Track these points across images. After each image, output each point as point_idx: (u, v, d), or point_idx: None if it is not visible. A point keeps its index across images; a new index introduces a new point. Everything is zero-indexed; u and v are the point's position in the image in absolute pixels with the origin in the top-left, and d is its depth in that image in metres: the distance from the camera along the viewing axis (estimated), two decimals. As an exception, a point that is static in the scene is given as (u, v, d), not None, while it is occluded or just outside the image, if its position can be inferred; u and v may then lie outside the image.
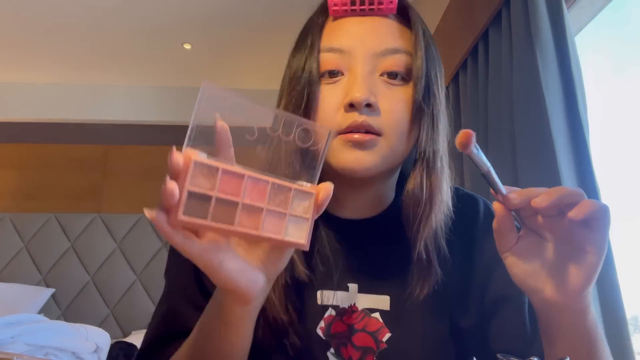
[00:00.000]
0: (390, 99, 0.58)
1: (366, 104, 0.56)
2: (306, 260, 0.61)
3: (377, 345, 0.60)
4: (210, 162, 0.39)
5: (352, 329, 0.61)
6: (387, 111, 0.57)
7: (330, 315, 0.62)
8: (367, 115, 0.56)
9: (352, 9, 0.59)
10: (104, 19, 2.72)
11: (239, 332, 0.49)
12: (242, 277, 0.43)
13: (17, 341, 1.99)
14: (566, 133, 1.32)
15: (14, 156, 3.60)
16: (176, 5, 2.60)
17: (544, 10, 1.41)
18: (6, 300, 2.90)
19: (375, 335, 0.61)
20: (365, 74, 0.57)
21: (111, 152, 3.69)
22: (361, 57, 0.58)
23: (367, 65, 0.58)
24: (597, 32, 1.56)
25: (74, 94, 3.49)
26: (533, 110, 1.39)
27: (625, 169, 1.47)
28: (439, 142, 0.61)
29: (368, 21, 0.60)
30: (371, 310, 0.62)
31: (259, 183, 0.42)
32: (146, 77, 3.44)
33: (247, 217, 0.41)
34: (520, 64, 1.48)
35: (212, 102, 0.40)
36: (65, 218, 3.49)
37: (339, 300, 0.62)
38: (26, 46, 3.00)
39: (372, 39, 0.59)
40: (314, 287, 0.62)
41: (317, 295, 0.62)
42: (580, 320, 0.50)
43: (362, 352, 0.60)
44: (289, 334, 0.59)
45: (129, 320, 3.29)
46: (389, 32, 0.60)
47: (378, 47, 0.59)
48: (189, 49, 3.05)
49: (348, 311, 0.62)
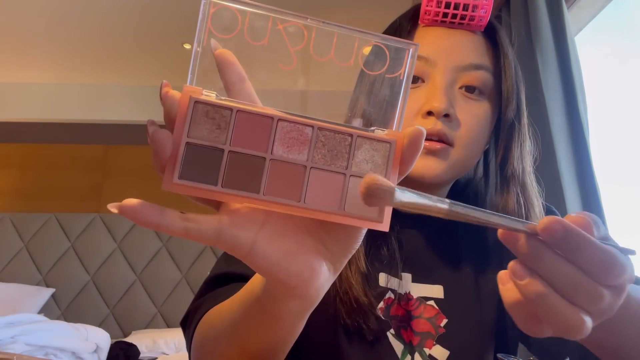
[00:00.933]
0: (468, 112, 0.60)
1: (444, 114, 0.57)
2: (377, 243, 0.63)
3: (435, 331, 0.62)
4: (220, 101, 0.29)
5: (410, 314, 0.63)
6: (463, 123, 0.59)
7: (389, 297, 0.63)
8: (443, 124, 0.58)
9: (442, 20, 0.61)
10: (104, 19, 2.72)
11: (290, 329, 0.38)
12: (291, 265, 0.31)
13: (17, 341, 1.99)
14: (566, 133, 1.32)
15: (14, 156, 3.60)
16: (176, 5, 2.60)
17: (544, 10, 1.41)
18: (6, 300, 2.90)
19: (434, 321, 0.63)
20: (446, 85, 0.59)
21: (111, 152, 3.69)
22: (444, 68, 0.60)
23: (448, 77, 0.60)
24: (597, 32, 1.56)
25: (74, 94, 3.49)
26: (533, 110, 1.39)
27: (625, 169, 1.47)
28: (527, 160, 0.64)
29: (456, 34, 0.62)
30: (426, 299, 0.64)
31: (298, 128, 0.29)
32: (146, 77, 3.44)
33: (280, 181, 0.28)
34: (520, 64, 1.48)
35: (223, 21, 0.29)
36: (65, 218, 3.49)
37: (396, 286, 0.64)
38: (26, 46, 3.00)
39: (457, 52, 0.60)
40: (376, 268, 0.63)
41: (380, 277, 0.63)
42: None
43: (422, 337, 0.62)
44: (369, 317, 0.59)
45: (129, 320, 3.29)
46: (474, 49, 0.61)
47: (462, 61, 0.60)
48: (189, 49, 3.05)
49: (404, 297, 0.63)
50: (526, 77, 1.45)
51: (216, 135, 0.28)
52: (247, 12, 0.31)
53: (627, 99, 1.48)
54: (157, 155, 0.28)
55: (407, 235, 0.66)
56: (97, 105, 3.49)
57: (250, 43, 0.32)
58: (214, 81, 0.30)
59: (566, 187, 1.26)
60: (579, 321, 0.31)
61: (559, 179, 1.27)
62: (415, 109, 0.59)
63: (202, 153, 0.27)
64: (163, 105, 0.29)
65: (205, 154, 0.27)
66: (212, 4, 0.30)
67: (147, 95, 3.55)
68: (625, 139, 1.49)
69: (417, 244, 0.66)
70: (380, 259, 0.63)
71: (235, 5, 0.31)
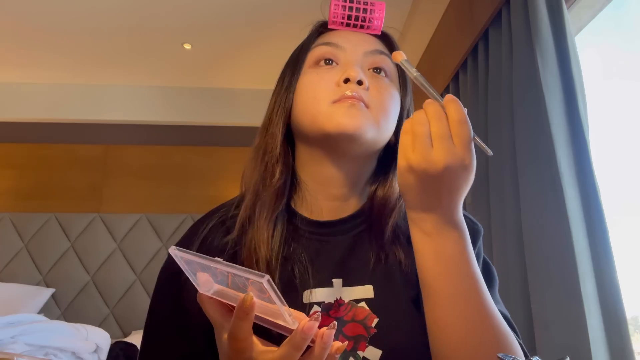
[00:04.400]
0: (379, 86, 0.67)
1: (358, 82, 0.64)
2: (288, 265, 0.64)
3: (367, 332, 0.63)
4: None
5: (341, 321, 0.63)
6: (375, 91, 0.66)
7: (314, 311, 0.63)
8: (359, 89, 0.64)
9: (347, 22, 0.71)
10: (104, 19, 2.71)
11: None
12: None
13: (17, 341, 1.98)
14: (566, 133, 1.32)
15: (14, 156, 3.60)
16: (176, 5, 2.59)
17: (544, 10, 1.41)
18: (6, 300, 2.90)
19: (365, 322, 0.63)
20: (357, 64, 0.67)
21: (111, 152, 3.69)
22: (354, 53, 0.68)
23: (358, 61, 0.67)
24: (597, 32, 1.56)
25: (74, 94, 3.48)
26: (533, 110, 1.39)
27: (625, 168, 1.47)
28: None
29: (360, 33, 0.71)
30: (357, 301, 0.64)
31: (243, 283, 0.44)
32: (146, 77, 3.43)
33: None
34: (520, 64, 1.48)
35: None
36: (65, 218, 3.48)
37: (324, 297, 0.64)
38: (26, 46, 3.00)
39: (363, 42, 0.70)
40: (297, 288, 0.64)
41: (303, 296, 0.64)
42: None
43: (355, 340, 0.62)
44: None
45: (129, 320, 3.29)
46: (376, 41, 0.71)
47: (368, 48, 0.69)
48: (189, 49, 3.05)
49: (334, 305, 0.64)
50: (526, 77, 1.46)
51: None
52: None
53: (627, 98, 1.48)
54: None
55: (332, 243, 0.67)
56: (97, 105, 3.49)
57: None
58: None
59: (566, 187, 1.26)
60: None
61: (559, 179, 1.26)
62: (332, 82, 0.65)
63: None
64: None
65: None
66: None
67: (147, 95, 3.55)
68: (625, 138, 1.49)
69: (344, 249, 0.67)
70: (304, 277, 0.64)
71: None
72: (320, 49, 0.69)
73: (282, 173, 0.67)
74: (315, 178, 0.69)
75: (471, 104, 1.92)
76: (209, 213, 0.72)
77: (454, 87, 2.22)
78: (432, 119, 0.51)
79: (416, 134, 0.52)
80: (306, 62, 0.70)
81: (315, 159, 0.68)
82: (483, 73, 1.82)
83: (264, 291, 0.41)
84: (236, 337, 0.44)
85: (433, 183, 0.52)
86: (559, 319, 1.23)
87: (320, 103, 0.64)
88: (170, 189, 3.62)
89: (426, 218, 0.55)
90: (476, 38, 1.87)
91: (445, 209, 0.54)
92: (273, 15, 2.69)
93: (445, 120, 0.51)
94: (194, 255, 0.43)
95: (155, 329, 0.67)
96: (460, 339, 0.54)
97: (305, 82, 0.67)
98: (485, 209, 1.70)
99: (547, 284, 1.28)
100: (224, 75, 3.42)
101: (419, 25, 2.56)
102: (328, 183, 0.68)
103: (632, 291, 1.25)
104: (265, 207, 0.65)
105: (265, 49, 3.03)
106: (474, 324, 0.54)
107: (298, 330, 0.42)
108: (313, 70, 0.68)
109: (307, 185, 0.69)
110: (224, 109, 3.55)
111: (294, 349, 0.42)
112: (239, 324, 0.43)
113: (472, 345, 0.54)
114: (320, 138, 0.65)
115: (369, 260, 0.66)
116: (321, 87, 0.65)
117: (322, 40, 0.70)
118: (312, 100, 0.65)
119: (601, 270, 1.20)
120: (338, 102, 0.63)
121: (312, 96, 0.65)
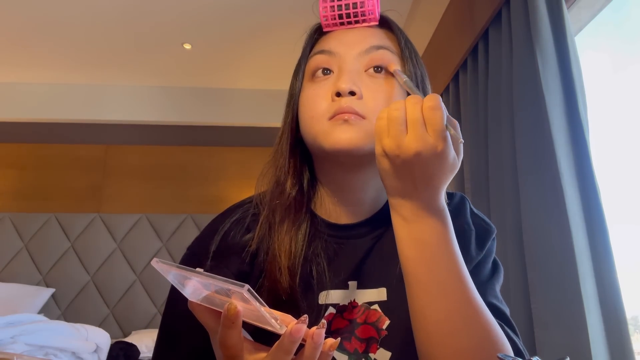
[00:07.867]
0: (376, 89, 0.65)
1: (350, 92, 0.62)
2: (307, 266, 0.65)
3: (378, 334, 0.64)
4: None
5: (354, 323, 0.64)
6: (372, 98, 0.64)
7: (330, 313, 0.65)
8: (352, 101, 0.63)
9: (340, 22, 0.70)
10: (104, 19, 2.72)
11: None
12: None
13: (17, 341, 1.99)
14: (566, 133, 1.32)
15: (14, 156, 3.60)
16: (176, 5, 2.59)
17: (544, 10, 1.41)
18: (6, 300, 2.91)
19: (376, 325, 0.64)
20: (351, 70, 0.65)
21: (111, 152, 3.70)
22: (348, 58, 0.66)
23: (353, 64, 0.66)
24: (597, 32, 1.56)
25: (74, 94, 3.49)
26: (533, 110, 1.39)
27: (625, 168, 1.47)
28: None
29: (356, 30, 0.70)
30: (370, 304, 0.66)
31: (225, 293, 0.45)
32: (146, 77, 3.43)
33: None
34: (520, 64, 1.48)
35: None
36: (65, 218, 3.49)
37: (339, 299, 0.66)
38: (26, 46, 3.00)
39: (357, 42, 0.67)
40: (314, 289, 0.65)
41: (320, 297, 0.65)
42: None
43: (367, 342, 0.64)
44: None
45: (129, 320, 3.30)
46: (373, 35, 0.68)
47: (363, 47, 0.67)
48: (189, 49, 3.05)
49: (348, 307, 0.65)
50: (526, 77, 1.46)
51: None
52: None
53: (627, 99, 1.48)
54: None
55: (350, 246, 0.68)
56: (97, 105, 3.49)
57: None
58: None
59: (566, 187, 1.26)
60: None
61: (559, 179, 1.26)
62: (328, 96, 0.65)
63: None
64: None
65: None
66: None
67: (147, 95, 3.55)
68: (625, 138, 1.49)
69: (362, 252, 0.68)
70: (321, 279, 0.65)
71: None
72: (314, 59, 0.69)
73: (293, 186, 0.68)
74: (332, 183, 0.70)
75: (471, 104, 1.92)
76: (228, 210, 0.72)
77: (454, 87, 2.22)
78: (407, 104, 0.52)
79: (391, 119, 0.52)
80: (305, 74, 0.70)
81: (327, 167, 0.69)
82: (483, 73, 1.82)
83: (246, 300, 0.41)
84: (225, 344, 0.44)
85: (406, 169, 0.52)
86: (559, 319, 1.23)
87: (318, 122, 0.64)
88: (170, 189, 3.62)
89: (404, 204, 0.55)
90: (476, 38, 1.87)
91: (422, 195, 0.54)
92: (273, 16, 2.69)
93: (420, 106, 0.52)
94: (175, 267, 0.43)
95: (172, 321, 0.67)
96: (440, 326, 0.55)
97: (304, 99, 0.68)
98: (485, 209, 1.70)
99: (547, 284, 1.28)
100: (224, 75, 3.42)
101: (419, 25, 2.56)
102: (344, 189, 0.69)
103: (632, 291, 1.25)
104: (285, 219, 0.66)
105: (265, 49, 3.03)
106: (453, 312, 0.54)
107: (286, 334, 0.42)
108: (310, 84, 0.68)
109: (325, 189, 0.70)
110: (224, 109, 3.55)
111: (283, 352, 0.43)
112: (226, 332, 0.43)
113: (452, 333, 0.54)
114: (323, 155, 0.66)
115: (385, 263, 0.67)
116: (316, 104, 0.65)
117: (317, 47, 0.70)
118: (311, 120, 0.65)
119: (601, 270, 1.20)
120: (333, 118, 0.63)
121: (310, 115, 0.65)
